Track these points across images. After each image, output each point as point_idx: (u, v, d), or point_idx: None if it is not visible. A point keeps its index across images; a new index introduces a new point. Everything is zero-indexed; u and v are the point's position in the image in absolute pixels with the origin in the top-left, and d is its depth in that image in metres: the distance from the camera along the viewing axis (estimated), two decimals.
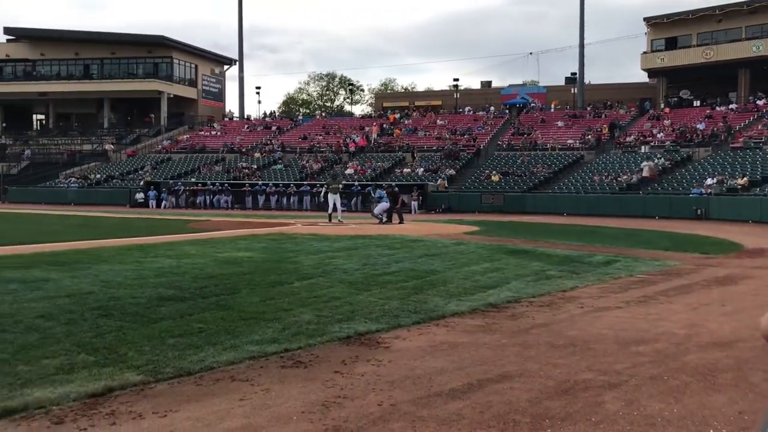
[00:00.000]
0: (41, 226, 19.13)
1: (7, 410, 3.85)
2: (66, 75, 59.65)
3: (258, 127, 53.27)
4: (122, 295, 7.43)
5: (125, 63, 58.66)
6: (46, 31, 61.02)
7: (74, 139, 57.06)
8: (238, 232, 16.73)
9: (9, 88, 60.09)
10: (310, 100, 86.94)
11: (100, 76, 58.75)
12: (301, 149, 45.33)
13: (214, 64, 63.56)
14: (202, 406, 4.07)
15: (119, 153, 51.23)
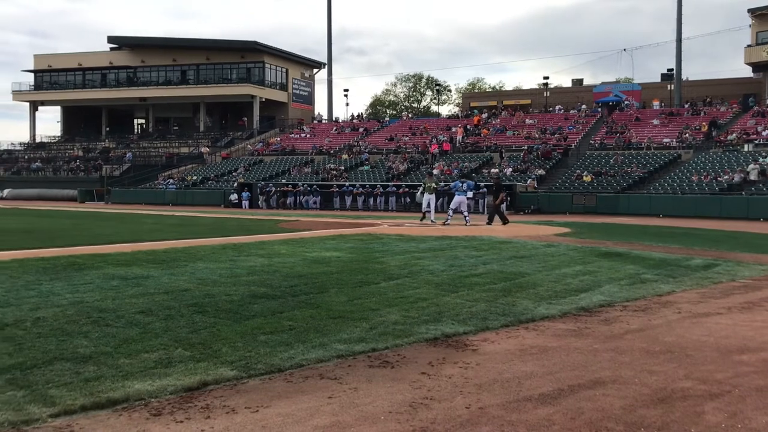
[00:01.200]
0: (141, 226, 20.05)
1: (111, 401, 4.04)
2: (164, 81, 62.35)
3: (346, 129, 54.00)
4: (216, 293, 7.68)
5: (220, 68, 60.75)
6: (145, 39, 64.10)
7: (172, 142, 59.61)
8: (327, 232, 16.99)
9: (112, 94, 63.47)
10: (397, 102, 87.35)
11: (196, 81, 61.07)
12: (388, 150, 45.60)
13: (304, 68, 64.91)
14: (292, 403, 4.14)
15: (214, 155, 53.08)
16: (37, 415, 3.77)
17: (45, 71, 66.59)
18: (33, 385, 4.28)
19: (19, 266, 9.50)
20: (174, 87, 61.29)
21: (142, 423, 3.74)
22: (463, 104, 63.79)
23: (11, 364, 4.71)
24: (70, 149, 61.53)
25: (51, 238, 14.66)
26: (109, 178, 49.09)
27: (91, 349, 5.16)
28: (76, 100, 65.49)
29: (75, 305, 6.79)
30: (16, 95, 67.14)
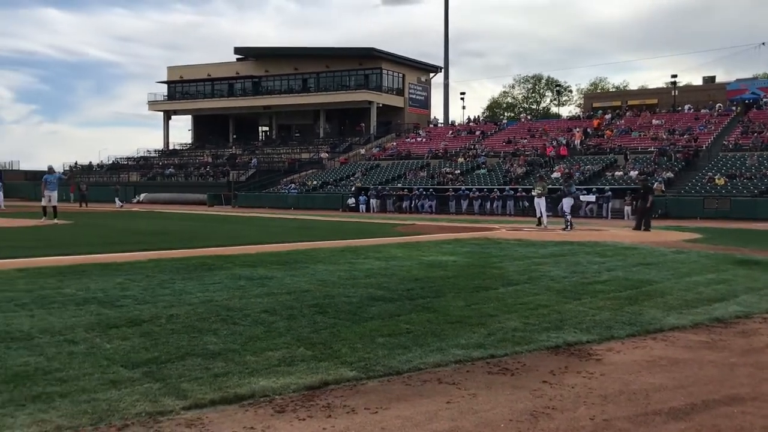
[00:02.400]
0: (266, 228, 20.85)
1: (237, 396, 4.20)
2: (287, 89, 64.68)
3: (462, 133, 53.76)
4: (336, 294, 7.84)
5: (338, 75, 62.26)
6: (269, 49, 66.73)
7: (294, 148, 61.68)
8: (443, 236, 16.96)
9: (238, 103, 66.55)
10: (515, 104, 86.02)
11: (317, 89, 62.90)
12: (505, 153, 44.96)
13: (420, 73, 65.28)
14: (411, 406, 4.14)
15: (333, 160, 54.41)
16: (170, 407, 3.98)
17: (177, 82, 70.85)
18: (167, 378, 4.53)
19: (155, 266, 10.12)
20: (295, 95, 63.44)
21: (267, 419, 3.86)
22: (585, 105, 61.90)
23: (148, 358, 5.01)
24: (200, 156, 65.04)
25: (183, 240, 15.53)
26: (236, 183, 51.41)
27: (219, 345, 5.40)
28: (205, 109, 69.22)
29: (205, 304, 7.14)
30: (152, 105, 71.83)
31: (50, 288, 7.95)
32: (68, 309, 6.72)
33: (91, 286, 8.14)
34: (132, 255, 11.57)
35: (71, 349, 5.19)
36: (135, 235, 17.07)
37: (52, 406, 3.92)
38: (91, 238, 15.97)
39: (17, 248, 12.83)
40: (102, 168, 68.36)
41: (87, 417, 3.78)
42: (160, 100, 71.28)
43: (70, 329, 5.85)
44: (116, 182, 56.64)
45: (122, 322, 6.18)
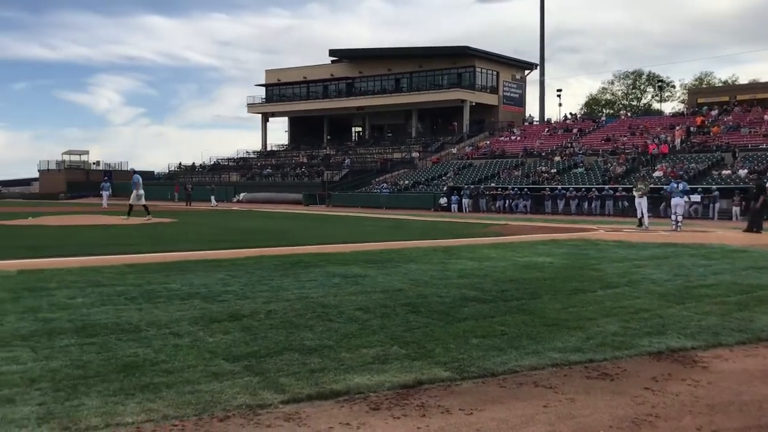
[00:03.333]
0: (358, 228, 21.11)
1: (333, 392, 4.27)
2: (380, 90, 65.23)
3: (558, 131, 52.57)
4: (429, 294, 7.83)
5: (431, 75, 62.21)
6: (363, 50, 67.47)
7: (386, 148, 62.13)
8: (538, 237, 16.63)
9: (333, 104, 67.69)
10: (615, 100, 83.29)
11: (409, 88, 63.10)
12: (604, 151, 43.59)
13: (515, 70, 64.28)
14: (507, 408, 4.08)
15: (425, 160, 54.44)
16: (269, 401, 4.09)
17: (275, 85, 72.87)
18: (266, 372, 4.65)
19: (254, 263, 10.45)
20: (388, 95, 63.88)
21: (362, 416, 3.90)
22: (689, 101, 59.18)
23: (248, 352, 5.16)
24: (296, 156, 66.65)
25: (280, 238, 15.95)
26: (330, 183, 52.34)
27: (315, 341, 5.51)
28: (301, 110, 70.87)
29: (301, 300, 7.30)
30: (250, 108, 74.21)
31: (157, 283, 8.34)
32: (173, 303, 7.03)
33: (195, 281, 8.49)
34: (232, 252, 11.98)
35: (176, 342, 5.42)
36: (234, 233, 17.68)
37: (158, 396, 4.11)
38: (194, 236, 16.66)
39: (125, 245, 13.55)
40: (204, 168, 71.22)
41: (191, 407, 3.94)
42: (258, 103, 73.51)
43: (176, 323, 6.12)
44: (211, 182, 58.72)
45: (224, 316, 6.41)
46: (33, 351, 5.07)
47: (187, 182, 54.01)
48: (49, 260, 10.43)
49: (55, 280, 8.46)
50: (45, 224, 21.22)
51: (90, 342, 5.36)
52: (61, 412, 3.79)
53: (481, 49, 60.50)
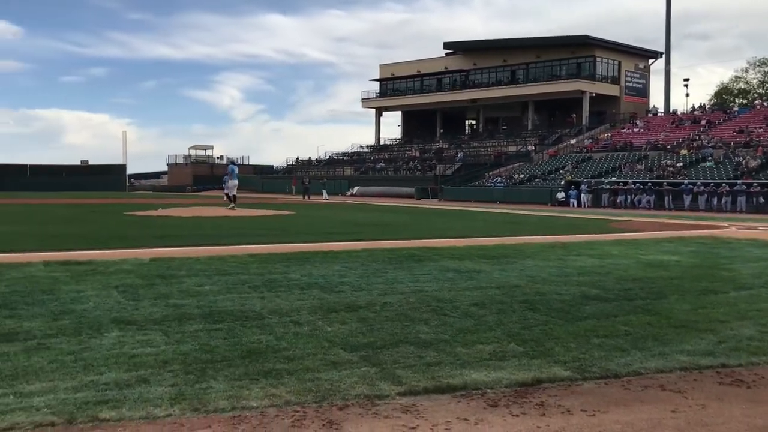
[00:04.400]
0: (471, 222, 20.94)
1: (450, 386, 4.24)
2: (494, 81, 64.31)
3: (685, 122, 49.86)
4: (547, 291, 7.64)
5: (549, 65, 60.61)
6: (477, 42, 66.76)
7: (500, 141, 61.24)
8: (663, 234, 15.85)
9: (446, 98, 67.43)
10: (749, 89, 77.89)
11: (525, 80, 61.80)
12: (736, 144, 40.89)
13: (638, 59, 61.52)
14: (631, 412, 3.90)
15: (541, 153, 53.21)
16: (386, 392, 4.12)
17: (388, 79, 73.50)
18: (382, 363, 4.70)
19: (368, 255, 10.60)
20: (503, 87, 62.87)
21: (479, 412, 3.86)
22: None
23: (365, 342, 5.24)
24: (408, 150, 67.02)
25: (394, 232, 16.09)
26: (442, 177, 52.23)
27: (431, 335, 5.50)
28: (414, 104, 71.08)
29: (416, 293, 7.32)
30: (365, 102, 75.28)
31: (278, 273, 8.63)
32: (293, 293, 7.25)
33: (313, 272, 8.71)
34: (348, 244, 12.21)
35: (296, 330, 5.58)
36: (349, 226, 18.00)
37: (281, 382, 4.24)
38: (311, 228, 17.11)
39: (248, 236, 14.11)
40: (319, 163, 73.06)
41: (311, 395, 4.03)
42: (372, 98, 74.47)
43: (296, 311, 6.30)
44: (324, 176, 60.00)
45: (341, 307, 6.53)
46: (165, 335, 5.37)
47: (305, 176, 55.60)
48: (178, 249, 11.02)
49: (184, 268, 8.94)
50: (173, 215, 22.49)
51: (217, 328, 5.62)
52: (191, 394, 3.99)
53: (602, 38, 58.29)
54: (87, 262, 9.30)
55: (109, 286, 7.41)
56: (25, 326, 5.52)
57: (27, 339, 5.14)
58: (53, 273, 8.30)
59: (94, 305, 6.40)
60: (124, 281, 7.77)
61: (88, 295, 6.90)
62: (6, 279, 7.78)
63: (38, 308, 6.22)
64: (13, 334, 5.29)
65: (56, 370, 4.38)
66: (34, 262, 9.22)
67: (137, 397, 3.91)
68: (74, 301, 6.54)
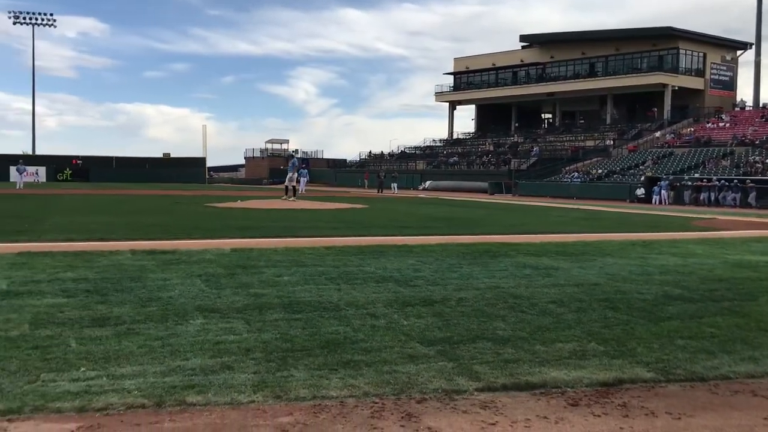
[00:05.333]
0: (548, 218, 20.58)
1: (529, 384, 4.20)
2: (572, 75, 62.89)
3: None
4: (628, 290, 7.44)
5: (629, 58, 58.81)
6: (555, 34, 65.45)
7: (578, 135, 59.90)
8: (751, 233, 15.17)
9: (522, 91, 66.39)
10: None
11: (604, 73, 60.18)
12: None
13: (725, 51, 58.90)
14: (719, 417, 3.77)
15: (620, 148, 51.75)
16: (464, 387, 4.11)
17: (462, 73, 72.97)
18: (459, 359, 4.69)
19: (442, 250, 10.58)
20: (581, 80, 61.41)
21: (560, 410, 3.80)
22: None
23: (441, 337, 5.24)
24: (482, 144, 66.40)
25: (467, 226, 16.00)
26: (517, 172, 51.53)
27: (508, 332, 5.45)
28: (488, 98, 70.34)
29: (492, 289, 7.26)
30: (438, 96, 74.96)
31: (353, 265, 8.73)
32: (369, 285, 7.32)
33: (388, 265, 8.77)
34: (422, 239, 12.22)
35: (373, 323, 5.63)
36: (423, 220, 18.01)
37: (359, 373, 4.30)
38: (385, 222, 17.20)
39: (323, 228, 14.32)
40: (392, 157, 73.29)
41: (389, 387, 4.07)
42: (446, 92, 74.09)
43: (372, 304, 6.36)
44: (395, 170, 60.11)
45: (416, 301, 6.55)
46: (247, 323, 5.52)
47: (380, 170, 55.88)
48: (257, 240, 11.29)
49: (263, 258, 9.16)
50: (251, 207, 23.04)
51: (296, 318, 5.73)
52: (272, 382, 4.09)
53: (686, 30, 56.07)
54: (171, 251, 9.65)
55: (193, 275, 7.67)
56: (116, 312, 5.78)
57: (117, 324, 5.38)
58: (140, 261, 8.66)
59: (179, 293, 6.64)
60: (207, 270, 8.03)
61: (174, 283, 7.16)
62: (97, 266, 8.16)
63: (127, 295, 6.51)
64: (104, 318, 5.55)
65: (145, 355, 4.57)
66: (122, 250, 9.64)
67: (222, 383, 4.04)
68: (160, 289, 6.81)
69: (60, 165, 68.38)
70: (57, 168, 67.58)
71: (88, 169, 69.28)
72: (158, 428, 3.40)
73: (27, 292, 6.53)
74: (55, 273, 7.58)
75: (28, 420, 3.45)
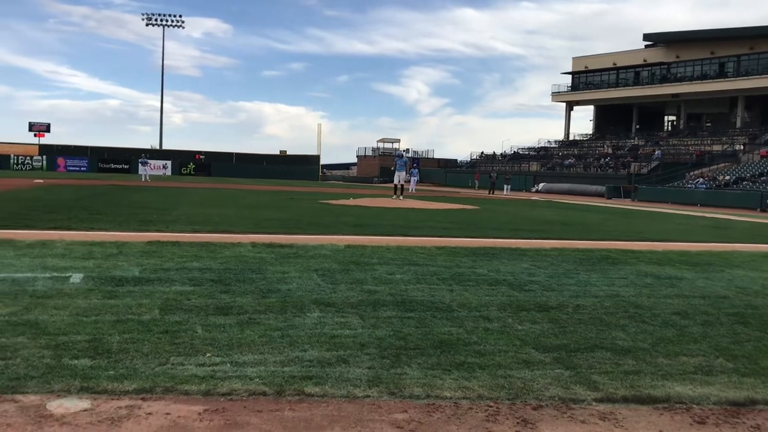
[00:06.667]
0: (670, 225, 19.63)
1: (651, 398, 4.02)
2: (699, 75, 59.72)
3: None
4: (760, 305, 6.97)
5: (765, 58, 55.06)
6: (682, 33, 62.32)
7: (703, 139, 56.80)
8: None
9: (644, 92, 63.73)
10: None
11: (736, 73, 56.75)
12: None
13: None
14: None
15: (751, 153, 48.60)
16: (582, 397, 3.99)
17: (581, 72, 70.89)
18: (576, 367, 4.55)
19: (558, 255, 10.31)
20: (709, 81, 58.20)
21: (685, 427, 3.61)
22: None
23: (557, 344, 5.11)
24: (600, 146, 64.24)
25: (584, 231, 15.52)
26: (637, 176, 49.47)
27: (629, 342, 5.24)
28: (608, 99, 67.95)
29: (611, 298, 7.01)
30: (555, 96, 73.23)
31: (465, 267, 8.67)
32: (481, 288, 7.25)
33: (501, 268, 8.65)
34: (535, 242, 11.97)
35: (486, 326, 5.57)
36: (536, 223, 17.64)
37: (473, 376, 4.26)
38: (497, 224, 16.99)
39: (434, 228, 14.33)
40: (504, 157, 72.29)
41: (504, 391, 4.01)
42: (563, 92, 72.28)
43: (485, 307, 6.30)
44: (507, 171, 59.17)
45: (531, 306, 6.43)
46: (361, 318, 5.61)
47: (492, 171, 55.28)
48: (368, 238, 11.46)
49: (375, 256, 9.28)
50: (362, 205, 23.41)
51: (408, 316, 5.77)
52: (387, 378, 4.13)
53: None
54: (289, 245, 9.97)
55: (310, 269, 7.88)
56: (238, 301, 6.04)
57: (240, 313, 5.61)
58: (260, 254, 9.00)
59: (296, 286, 6.85)
60: (323, 265, 8.23)
61: (291, 276, 7.39)
62: (220, 257, 8.56)
63: (248, 285, 6.78)
64: (228, 307, 5.80)
65: (266, 344, 4.74)
66: (243, 242, 10.05)
67: (338, 376, 4.12)
68: (279, 281, 7.04)
69: (184, 159, 72.36)
70: (181, 162, 71.50)
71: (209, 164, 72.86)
72: (279, 416, 3.52)
73: (157, 279, 6.93)
74: (183, 262, 8.02)
75: (159, 400, 3.66)
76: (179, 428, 3.32)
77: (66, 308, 5.50)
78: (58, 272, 7.03)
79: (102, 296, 6.02)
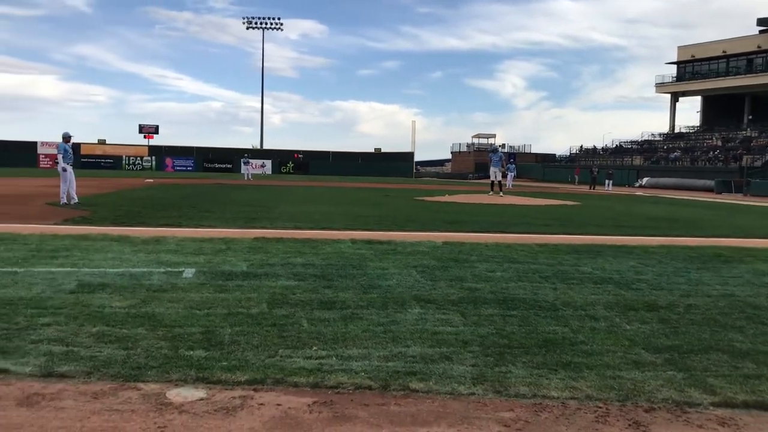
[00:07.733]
0: None
1: None
2: None
3: None
4: None
5: None
6: None
7: None
8: None
9: (758, 80, 60.20)
10: None
11: None
12: None
13: None
14: None
15: None
16: (698, 400, 3.82)
17: (687, 62, 67.69)
18: (690, 369, 4.36)
19: (666, 252, 9.90)
20: None
21: None
22: None
23: (668, 345, 4.91)
24: (708, 139, 61.16)
25: (693, 227, 14.82)
26: (749, 169, 46.75)
27: (747, 345, 4.97)
28: (717, 88, 64.55)
29: (725, 298, 6.66)
30: (659, 87, 70.32)
31: (568, 264, 8.47)
32: (586, 286, 7.06)
33: (606, 266, 8.39)
34: (641, 239, 11.55)
35: (593, 325, 5.42)
36: (641, 219, 17.00)
37: (580, 376, 4.16)
38: (600, 220, 16.48)
39: (533, 225, 14.07)
40: (605, 151, 70.04)
41: (614, 392, 3.90)
42: (668, 82, 69.31)
43: (590, 305, 6.13)
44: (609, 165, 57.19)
45: (639, 305, 6.20)
46: (462, 316, 5.59)
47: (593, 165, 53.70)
48: (466, 234, 11.39)
49: (474, 253, 9.21)
50: (458, 201, 23.29)
51: (511, 314, 5.69)
52: (491, 376, 4.10)
53: None
54: (387, 242, 10.06)
55: (409, 266, 7.92)
56: (341, 297, 6.15)
57: (343, 308, 5.72)
58: (360, 250, 9.12)
59: (396, 282, 6.90)
60: (422, 262, 8.25)
61: (391, 272, 7.45)
62: (322, 253, 8.74)
63: (350, 281, 6.89)
64: (331, 302, 5.92)
65: (369, 339, 4.81)
66: (343, 239, 10.22)
67: (441, 373, 4.13)
68: (380, 278, 7.12)
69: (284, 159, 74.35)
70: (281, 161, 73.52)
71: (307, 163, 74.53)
72: (385, 410, 3.56)
73: (264, 274, 7.16)
74: (287, 258, 8.25)
75: (270, 391, 3.79)
76: (290, 419, 3.41)
77: (180, 301, 5.77)
78: (172, 267, 7.40)
79: (213, 290, 6.28)
